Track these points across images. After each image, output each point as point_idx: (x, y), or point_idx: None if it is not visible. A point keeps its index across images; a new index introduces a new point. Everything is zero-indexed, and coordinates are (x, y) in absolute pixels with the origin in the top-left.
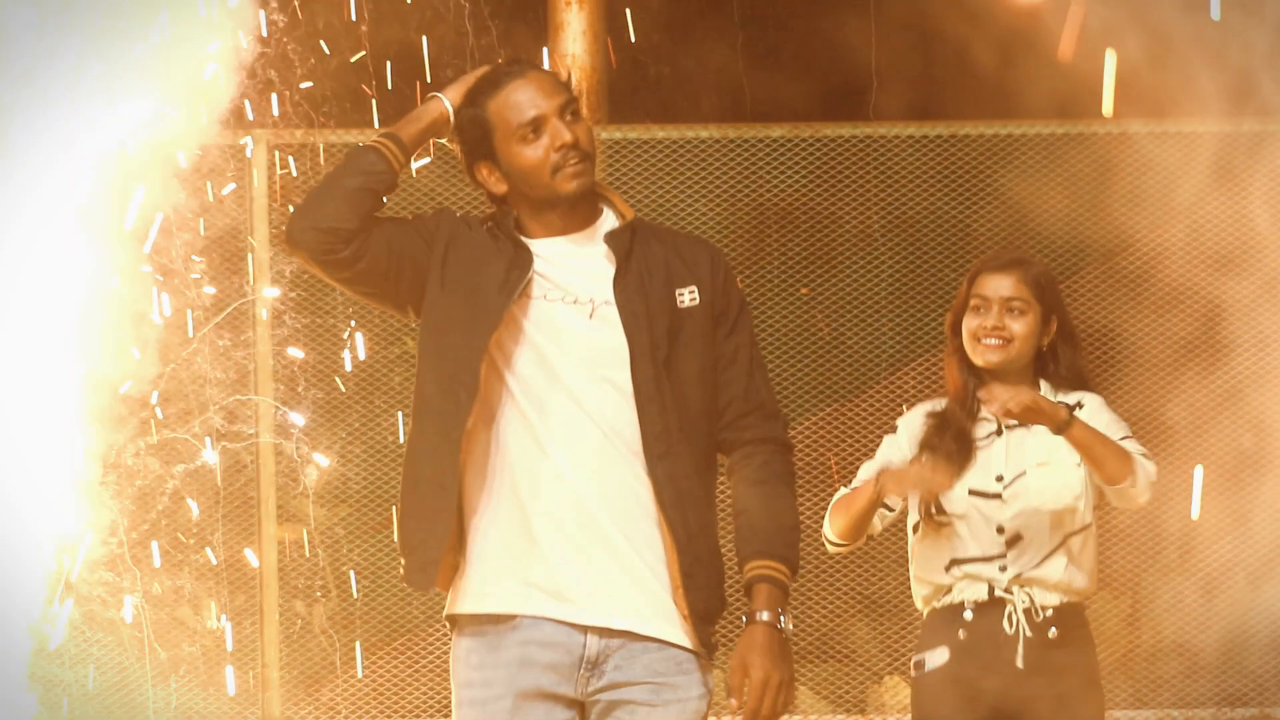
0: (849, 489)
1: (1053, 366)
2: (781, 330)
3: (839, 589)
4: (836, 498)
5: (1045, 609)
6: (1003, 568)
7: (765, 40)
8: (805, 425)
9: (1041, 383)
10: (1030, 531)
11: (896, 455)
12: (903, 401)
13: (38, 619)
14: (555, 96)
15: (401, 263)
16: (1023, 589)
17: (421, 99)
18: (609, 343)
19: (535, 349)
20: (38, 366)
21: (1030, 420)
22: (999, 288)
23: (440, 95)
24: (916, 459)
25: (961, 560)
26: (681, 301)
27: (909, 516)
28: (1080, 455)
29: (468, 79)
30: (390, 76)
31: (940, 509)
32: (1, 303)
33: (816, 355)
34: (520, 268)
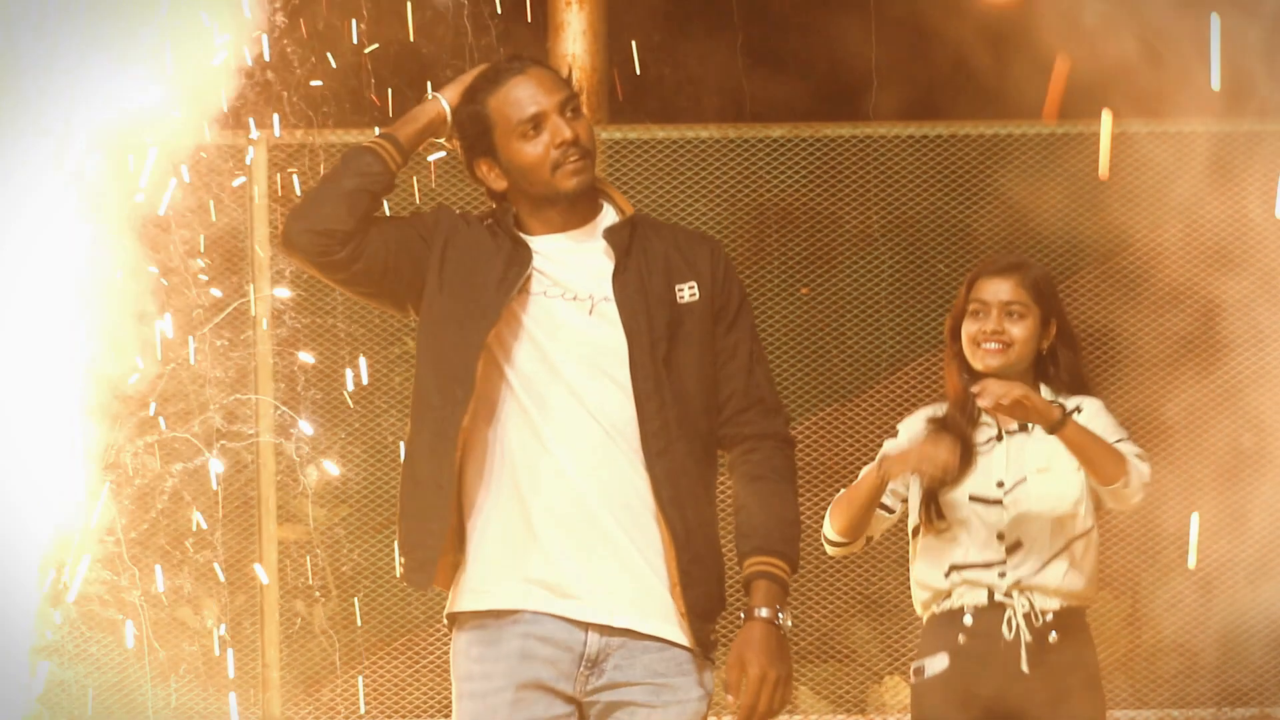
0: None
1: (1053, 370)
2: (781, 330)
3: (839, 589)
4: (836, 498)
5: (1045, 613)
6: (1002, 574)
7: (765, 40)
8: (805, 425)
9: (1042, 386)
10: (1031, 537)
11: None
12: (903, 401)
13: (37, 619)
14: (556, 93)
15: (400, 262)
16: (1022, 594)
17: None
18: (608, 339)
19: (535, 345)
20: (38, 366)
21: (1022, 416)
22: (998, 292)
23: (438, 95)
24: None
25: (961, 566)
26: (681, 297)
27: (909, 520)
28: (1074, 456)
29: (465, 78)
30: (389, 77)
31: (940, 513)
32: (1, 302)
33: (816, 355)
34: (519, 264)
